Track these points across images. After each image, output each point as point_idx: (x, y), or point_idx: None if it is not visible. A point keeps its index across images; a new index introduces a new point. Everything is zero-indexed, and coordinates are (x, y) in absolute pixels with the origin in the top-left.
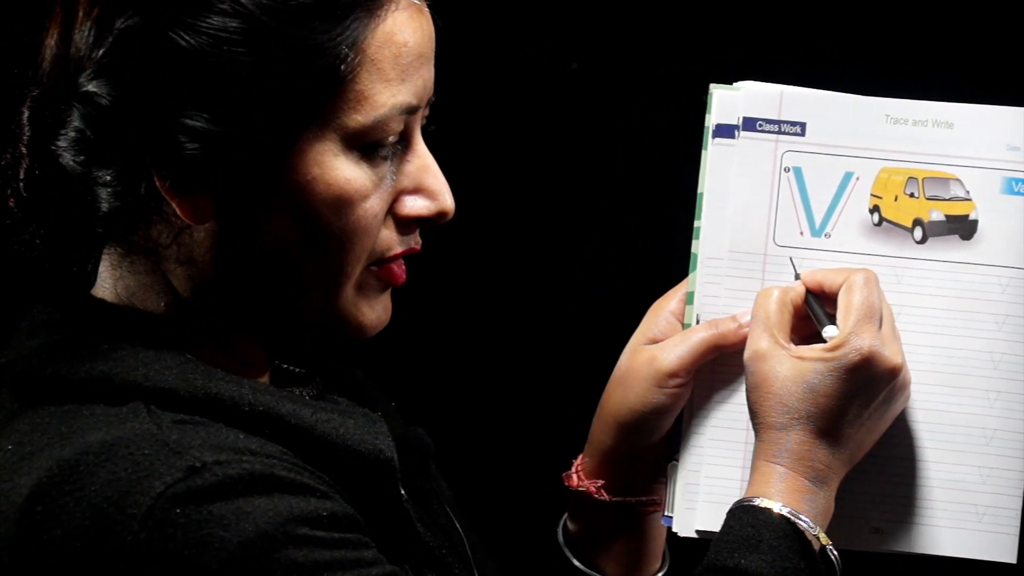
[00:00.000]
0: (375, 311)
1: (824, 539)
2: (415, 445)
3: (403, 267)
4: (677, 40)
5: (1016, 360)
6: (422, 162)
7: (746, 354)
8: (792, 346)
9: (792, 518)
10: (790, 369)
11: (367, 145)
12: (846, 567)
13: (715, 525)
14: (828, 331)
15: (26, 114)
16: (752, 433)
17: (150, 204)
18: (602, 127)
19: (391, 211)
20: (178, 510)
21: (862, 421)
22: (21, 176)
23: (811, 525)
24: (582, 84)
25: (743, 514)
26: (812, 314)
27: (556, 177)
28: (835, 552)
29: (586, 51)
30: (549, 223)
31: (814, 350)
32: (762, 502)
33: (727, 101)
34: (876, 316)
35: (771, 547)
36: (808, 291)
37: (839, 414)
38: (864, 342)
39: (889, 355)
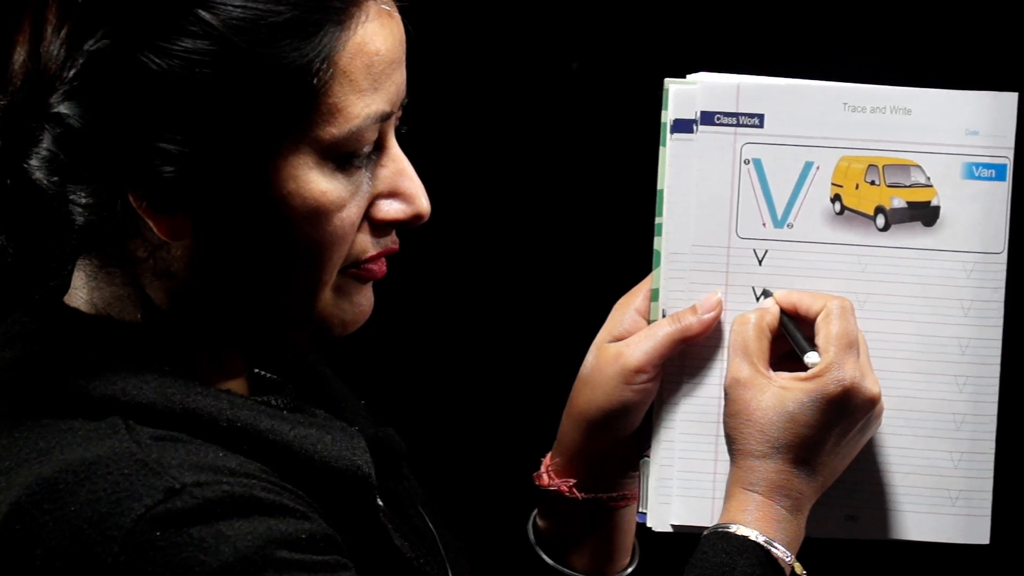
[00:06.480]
0: (356, 307)
1: (798, 568)
2: (386, 446)
3: (382, 263)
4: (625, 35)
5: (983, 344)
6: (397, 166)
7: (726, 381)
8: (773, 374)
9: (767, 546)
10: (771, 398)
11: (342, 156)
12: (820, 555)
13: (690, 519)
14: (810, 358)
15: None
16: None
17: (126, 220)
18: (557, 128)
19: (366, 215)
20: (158, 533)
21: (839, 450)
22: None
23: (785, 553)
24: (541, 85)
25: (717, 540)
26: (791, 339)
27: (516, 178)
28: None
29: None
30: (512, 224)
31: (796, 379)
32: (737, 529)
33: (684, 96)
34: (855, 346)
35: (744, 574)
36: (783, 313)
37: (818, 444)
38: (846, 373)
39: (869, 386)
